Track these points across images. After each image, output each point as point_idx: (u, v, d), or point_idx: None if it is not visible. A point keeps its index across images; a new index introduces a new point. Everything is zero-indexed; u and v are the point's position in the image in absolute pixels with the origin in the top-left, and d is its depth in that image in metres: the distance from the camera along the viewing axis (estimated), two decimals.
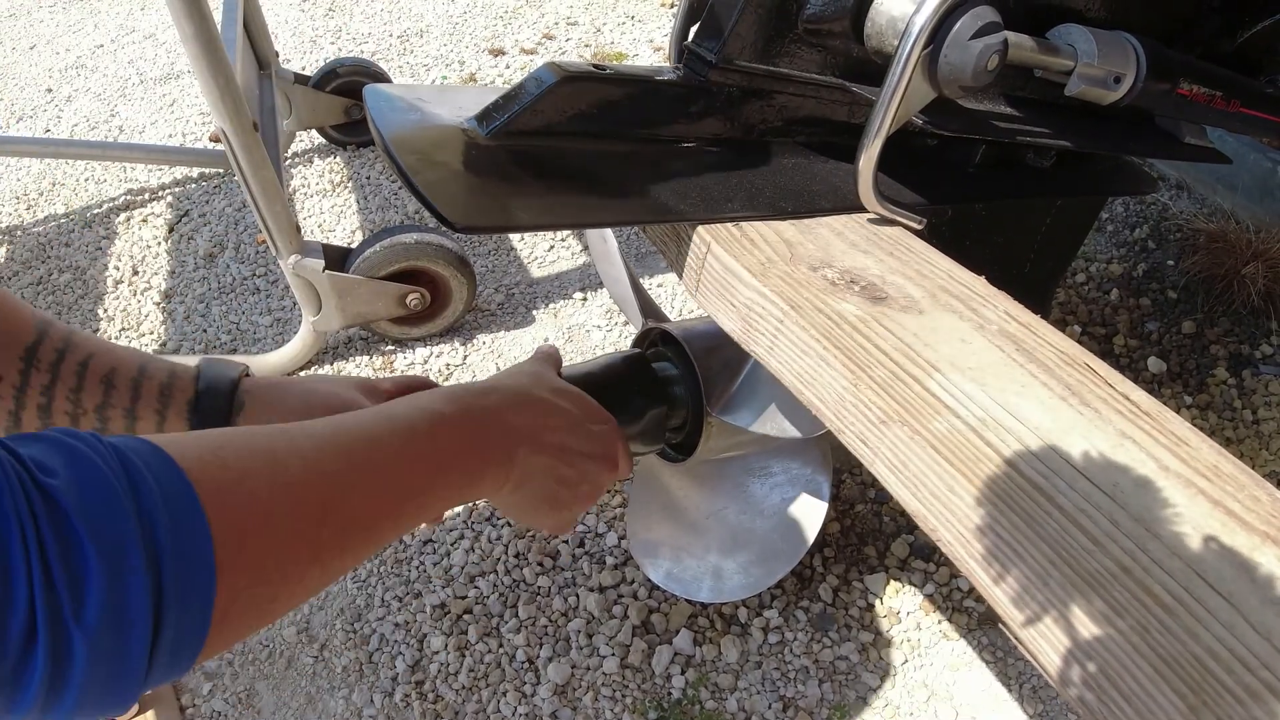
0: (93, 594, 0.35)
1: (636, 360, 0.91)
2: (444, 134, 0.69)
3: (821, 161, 0.83)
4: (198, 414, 0.64)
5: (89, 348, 0.64)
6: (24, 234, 2.06)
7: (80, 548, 0.35)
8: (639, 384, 0.90)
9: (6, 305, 0.63)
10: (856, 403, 0.53)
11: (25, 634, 0.33)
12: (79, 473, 0.37)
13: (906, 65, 0.71)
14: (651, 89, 0.73)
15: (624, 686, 1.20)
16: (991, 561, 0.45)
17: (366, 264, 1.52)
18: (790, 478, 1.08)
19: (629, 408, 0.86)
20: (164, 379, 0.65)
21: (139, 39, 2.88)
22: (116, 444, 0.39)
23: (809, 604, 1.28)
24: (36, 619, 0.33)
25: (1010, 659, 1.26)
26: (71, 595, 0.34)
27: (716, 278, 0.66)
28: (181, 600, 0.38)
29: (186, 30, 1.29)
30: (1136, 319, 1.69)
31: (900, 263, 0.69)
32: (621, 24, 2.71)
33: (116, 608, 0.35)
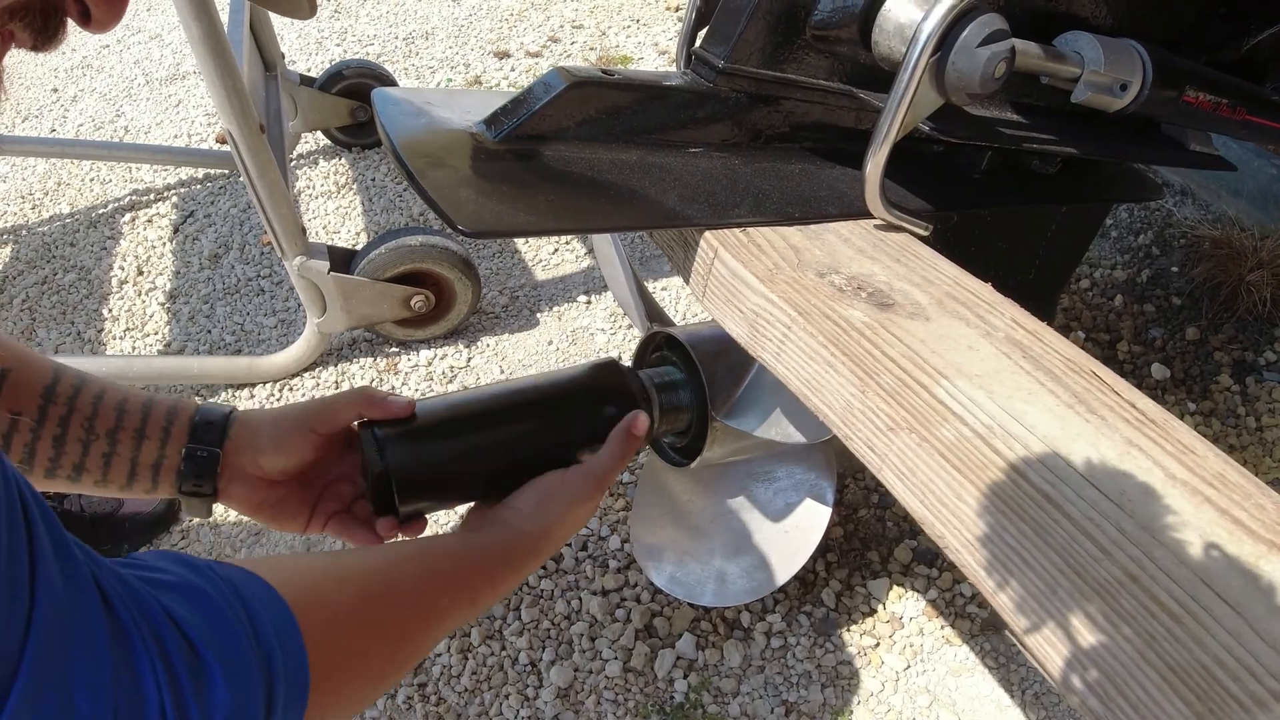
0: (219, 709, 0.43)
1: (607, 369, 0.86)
2: (452, 138, 0.69)
3: (828, 167, 0.83)
4: (196, 436, 0.71)
5: (101, 384, 0.72)
6: (29, 234, 2.07)
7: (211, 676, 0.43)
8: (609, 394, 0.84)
9: (25, 354, 0.70)
10: (864, 409, 0.53)
11: None
12: (207, 617, 0.45)
13: (914, 72, 0.71)
14: (659, 94, 0.73)
15: (626, 690, 1.20)
16: (998, 569, 0.45)
17: (371, 266, 1.52)
18: (794, 482, 1.08)
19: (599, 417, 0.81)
20: (169, 406, 0.72)
21: (145, 39, 2.89)
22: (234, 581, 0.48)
23: (812, 609, 1.28)
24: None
25: (1013, 665, 1.26)
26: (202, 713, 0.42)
27: (724, 283, 0.67)
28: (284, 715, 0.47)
29: (194, 31, 1.29)
30: (1140, 325, 1.69)
31: (907, 269, 0.69)
32: (627, 27, 2.71)
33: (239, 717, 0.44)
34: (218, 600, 0.46)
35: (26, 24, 0.46)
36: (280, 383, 1.61)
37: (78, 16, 0.47)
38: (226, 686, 0.43)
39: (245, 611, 0.47)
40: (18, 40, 0.47)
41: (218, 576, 0.48)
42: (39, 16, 0.46)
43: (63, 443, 0.69)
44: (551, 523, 0.72)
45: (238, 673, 0.44)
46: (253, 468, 0.72)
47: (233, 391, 1.60)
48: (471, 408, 0.78)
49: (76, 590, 0.40)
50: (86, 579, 0.40)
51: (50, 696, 0.37)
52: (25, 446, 0.68)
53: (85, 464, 0.70)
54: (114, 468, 0.70)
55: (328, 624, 0.53)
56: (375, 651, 0.57)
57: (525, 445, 0.79)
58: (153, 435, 0.71)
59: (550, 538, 0.72)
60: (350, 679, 0.54)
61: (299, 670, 0.48)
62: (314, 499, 0.76)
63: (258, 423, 0.73)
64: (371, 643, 0.57)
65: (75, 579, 0.40)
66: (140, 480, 0.71)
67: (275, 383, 1.61)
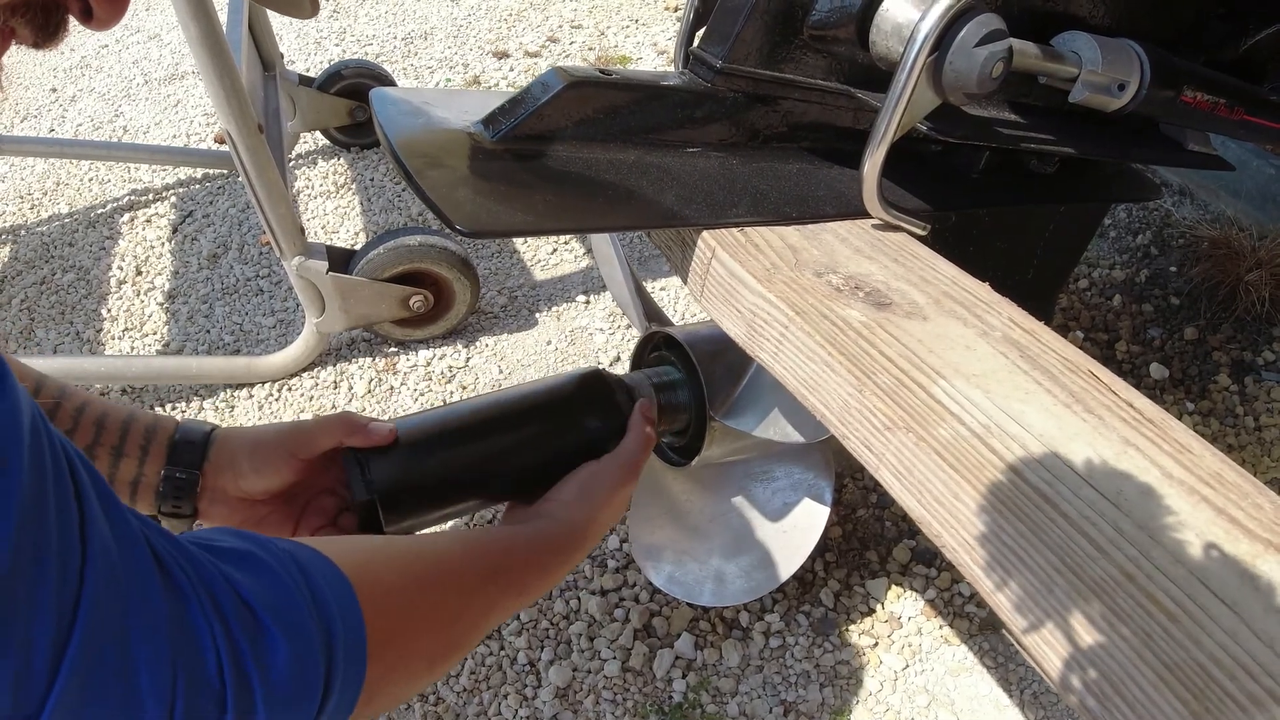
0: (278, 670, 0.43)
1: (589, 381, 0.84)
2: (450, 138, 0.69)
3: (826, 167, 0.83)
4: (174, 455, 0.70)
5: (82, 397, 0.71)
6: (28, 233, 2.06)
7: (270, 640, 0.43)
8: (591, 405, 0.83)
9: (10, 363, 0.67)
10: (861, 409, 0.53)
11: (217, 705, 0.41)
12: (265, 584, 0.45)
13: (912, 72, 0.71)
14: (657, 94, 0.73)
15: (625, 690, 1.20)
16: (995, 568, 0.45)
17: (370, 266, 1.52)
18: (793, 482, 1.08)
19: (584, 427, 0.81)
20: (149, 423, 0.72)
21: (143, 39, 2.89)
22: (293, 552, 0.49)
23: (810, 608, 1.28)
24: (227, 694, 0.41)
25: (1011, 665, 1.26)
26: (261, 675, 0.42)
27: (721, 283, 0.67)
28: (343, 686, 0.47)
29: (192, 31, 1.29)
30: (1139, 325, 1.70)
31: (905, 269, 0.69)
32: (625, 27, 2.71)
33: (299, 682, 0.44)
34: (277, 569, 0.46)
35: (28, 20, 0.46)
36: (279, 382, 1.61)
37: (79, 14, 0.47)
38: (287, 651, 0.43)
39: (306, 581, 0.47)
40: (19, 37, 0.47)
41: (278, 548, 0.48)
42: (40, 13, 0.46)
43: None
44: (595, 511, 0.75)
45: (297, 638, 0.44)
46: (233, 489, 0.72)
47: (232, 391, 1.60)
48: (452, 425, 0.78)
49: (129, 547, 0.40)
50: (139, 539, 0.40)
51: (109, 648, 0.37)
52: None
53: None
54: None
55: (385, 599, 0.53)
56: (430, 632, 0.57)
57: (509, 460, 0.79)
58: (130, 453, 0.70)
59: (594, 525, 0.75)
60: (406, 658, 0.54)
61: (358, 643, 0.48)
62: (297, 514, 0.76)
63: (237, 444, 0.73)
64: (426, 623, 0.57)
65: (127, 538, 0.40)
66: (119, 490, 0.70)
67: (274, 383, 1.61)
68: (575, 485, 0.76)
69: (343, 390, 1.60)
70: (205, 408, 1.58)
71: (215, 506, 0.72)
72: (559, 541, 0.72)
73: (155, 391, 1.61)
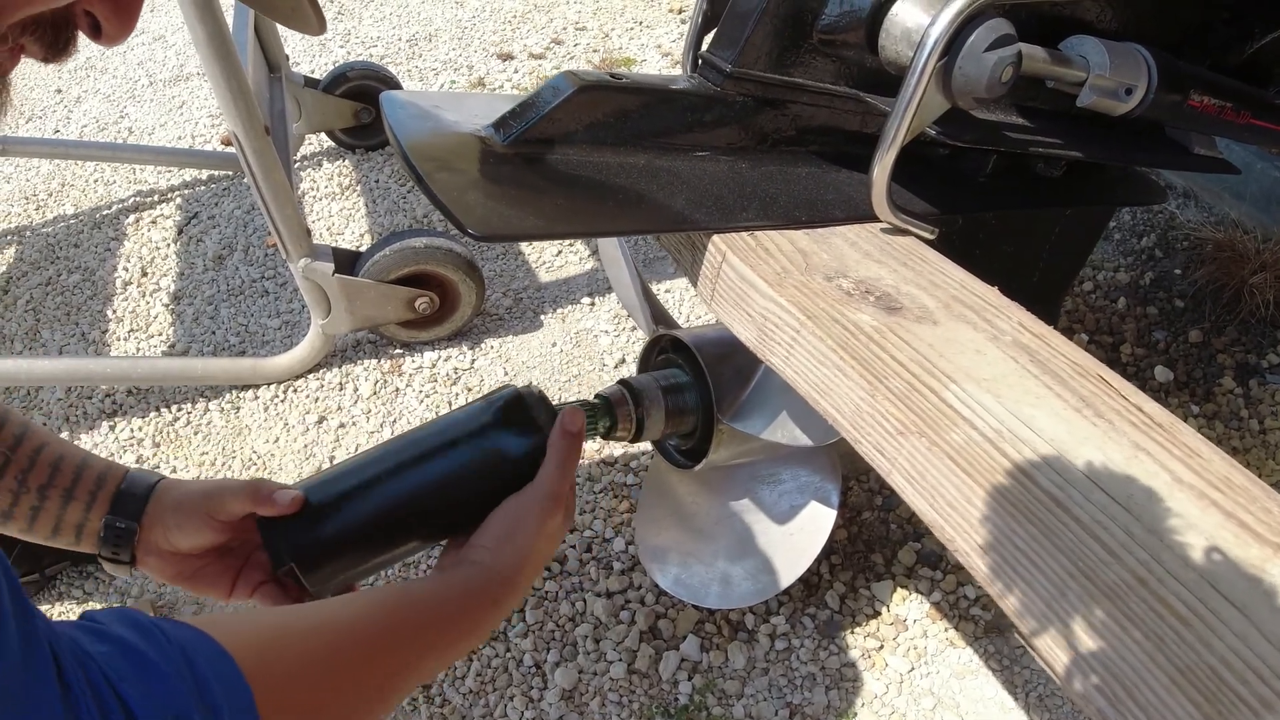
0: None
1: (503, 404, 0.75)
2: (461, 141, 0.70)
3: (834, 171, 0.83)
4: (116, 504, 0.72)
5: (43, 437, 0.74)
6: (33, 234, 2.07)
7: None
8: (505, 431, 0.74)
9: None
10: (873, 413, 0.53)
11: None
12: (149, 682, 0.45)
13: (921, 76, 0.71)
14: (667, 98, 0.73)
15: (631, 692, 1.20)
16: (1007, 571, 0.46)
17: (376, 268, 1.52)
18: (799, 485, 1.08)
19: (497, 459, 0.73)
20: (101, 470, 0.74)
21: (148, 40, 2.89)
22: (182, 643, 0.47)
23: (816, 611, 1.29)
24: None
25: (1016, 667, 1.26)
26: None
27: (732, 287, 0.67)
28: None
29: (199, 33, 1.29)
30: (1144, 328, 1.70)
31: (914, 273, 0.70)
32: (630, 29, 2.71)
33: None
34: (164, 667, 0.46)
35: (37, 38, 0.46)
36: (285, 384, 1.61)
37: (88, 30, 0.47)
38: None
39: (191, 671, 0.47)
40: (28, 52, 0.47)
41: (166, 639, 0.48)
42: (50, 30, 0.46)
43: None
44: (522, 550, 0.70)
45: None
46: (164, 543, 0.73)
47: (237, 392, 1.60)
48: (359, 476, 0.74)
49: (33, 650, 0.40)
50: (43, 643, 0.41)
51: None
52: None
53: (13, 513, 0.71)
54: (39, 521, 0.72)
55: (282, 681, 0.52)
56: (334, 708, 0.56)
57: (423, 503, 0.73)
58: (80, 498, 0.72)
59: (526, 564, 0.70)
60: None
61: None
62: (237, 568, 0.76)
63: (167, 501, 0.74)
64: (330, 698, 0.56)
65: (33, 641, 0.40)
66: (64, 536, 0.73)
67: (280, 384, 1.61)
68: (498, 525, 0.71)
69: (348, 392, 1.60)
70: (211, 409, 1.59)
71: (150, 557, 0.74)
72: (487, 590, 0.67)
73: (161, 393, 1.61)
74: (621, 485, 1.43)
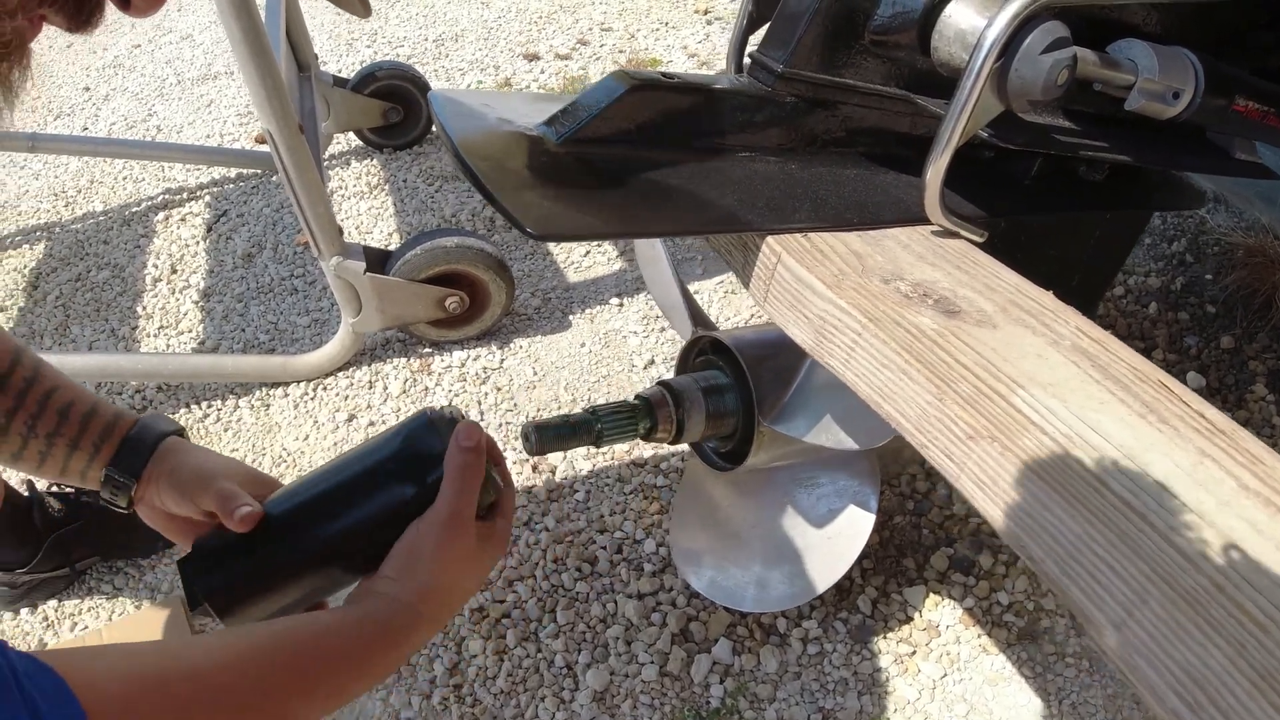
0: None
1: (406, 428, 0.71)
2: (513, 140, 0.69)
3: (882, 172, 0.83)
4: (118, 457, 0.75)
5: (53, 381, 0.76)
6: (62, 231, 2.08)
7: None
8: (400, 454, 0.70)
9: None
10: (941, 418, 0.53)
11: None
12: None
13: (978, 79, 0.71)
14: (719, 98, 0.73)
15: (663, 694, 1.20)
16: (1085, 577, 0.45)
17: (407, 266, 1.52)
18: (837, 489, 1.08)
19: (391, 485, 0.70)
20: (109, 420, 0.76)
21: (176, 39, 2.91)
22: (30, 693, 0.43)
23: (848, 615, 1.28)
24: None
25: (1049, 674, 1.25)
26: None
27: (787, 288, 0.66)
28: None
29: (234, 30, 1.29)
30: (1175, 333, 1.68)
31: (969, 276, 0.69)
32: (655, 30, 2.71)
33: None
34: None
35: (59, 8, 0.46)
36: (315, 382, 1.62)
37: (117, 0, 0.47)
38: None
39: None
40: (51, 21, 0.47)
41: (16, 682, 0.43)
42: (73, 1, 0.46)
43: (5, 432, 0.73)
44: (425, 580, 0.65)
45: None
46: (157, 501, 0.76)
47: (268, 390, 1.61)
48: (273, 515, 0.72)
49: None
50: None
51: None
52: None
53: (23, 455, 0.75)
54: (47, 465, 0.76)
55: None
56: None
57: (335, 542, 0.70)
58: (85, 447, 0.75)
59: (431, 595, 0.66)
60: None
61: None
62: None
63: (166, 465, 0.75)
64: None
65: None
66: (70, 479, 0.77)
67: (310, 382, 1.61)
68: (399, 555, 0.67)
69: (378, 390, 1.60)
70: (241, 405, 1.59)
71: (145, 508, 0.77)
72: (388, 624, 0.63)
73: (191, 389, 1.62)
74: (651, 487, 1.42)
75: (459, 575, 0.68)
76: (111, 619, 1.36)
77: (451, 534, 0.66)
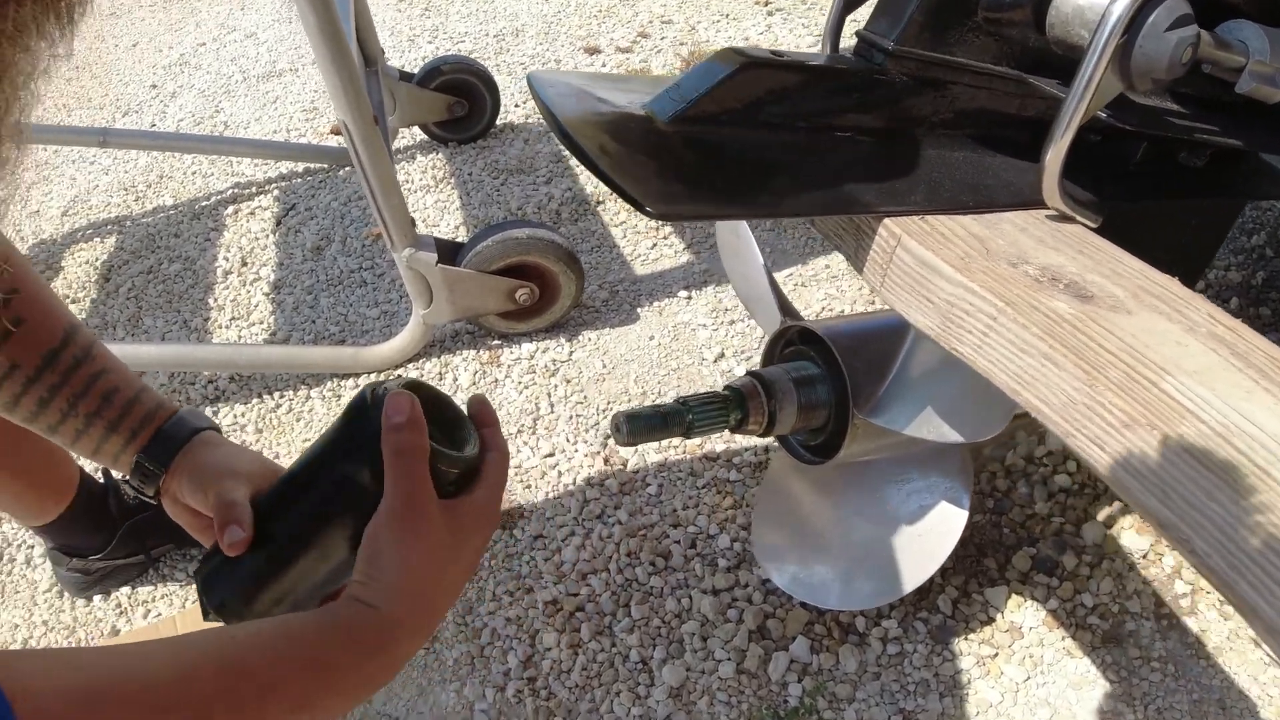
0: None
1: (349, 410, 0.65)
2: (619, 119, 0.68)
3: (990, 155, 0.80)
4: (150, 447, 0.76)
5: (103, 364, 0.77)
6: (133, 225, 2.11)
7: None
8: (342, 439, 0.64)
9: (41, 308, 0.76)
10: (1091, 405, 0.50)
11: None
12: None
13: (1101, 56, 0.68)
14: (829, 76, 0.71)
15: (740, 692, 1.18)
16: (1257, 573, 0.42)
17: (478, 258, 1.52)
18: (929, 485, 1.05)
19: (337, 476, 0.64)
20: (149, 409, 0.78)
21: (240, 38, 2.94)
22: None
23: (928, 615, 1.25)
24: None
25: (1134, 679, 1.21)
26: None
27: (908, 272, 0.64)
28: None
29: (311, 22, 1.29)
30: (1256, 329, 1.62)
31: (1093, 261, 0.66)
32: (716, 22, 2.69)
33: None
34: None
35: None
36: (384, 373, 1.62)
37: None
38: None
39: None
40: None
41: None
42: None
43: (46, 405, 0.75)
44: (392, 579, 0.58)
45: None
46: (180, 495, 0.76)
47: (338, 380, 1.61)
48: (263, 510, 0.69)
49: None
50: None
51: None
52: (13, 395, 0.74)
53: (59, 430, 0.77)
54: (81, 443, 0.77)
55: None
56: None
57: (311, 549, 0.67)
58: (122, 433, 0.76)
59: (404, 595, 0.59)
60: None
61: None
62: None
63: (191, 461, 0.76)
64: None
65: None
66: (102, 459, 0.78)
67: (380, 373, 1.62)
68: (362, 555, 0.60)
69: (447, 382, 1.60)
70: (313, 396, 1.60)
71: (169, 500, 0.77)
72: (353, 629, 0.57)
73: (264, 380, 1.63)
74: (724, 481, 1.40)
75: (430, 568, 0.60)
76: (185, 606, 1.37)
77: (406, 524, 0.59)
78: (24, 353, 0.73)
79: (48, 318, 0.76)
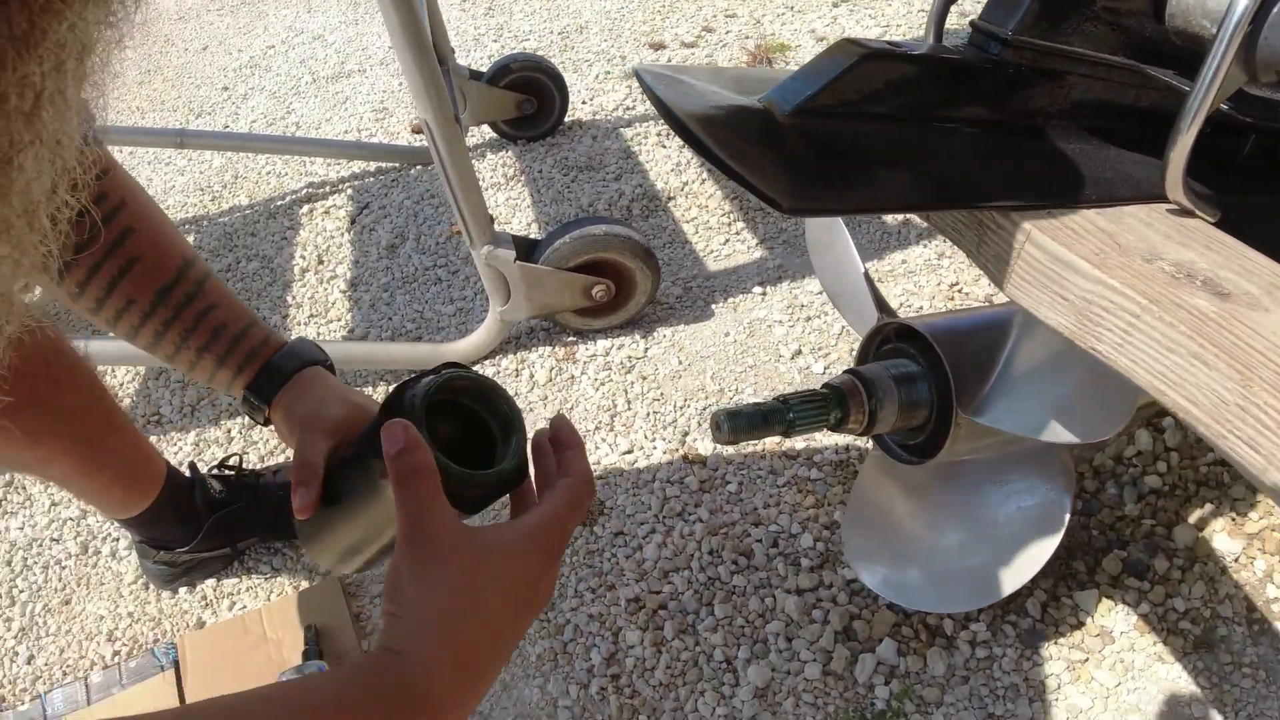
0: None
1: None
2: (735, 111, 0.67)
3: (1104, 147, 0.78)
4: (258, 379, 0.81)
5: (214, 298, 0.82)
6: (210, 224, 2.15)
7: None
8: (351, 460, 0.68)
9: (158, 241, 0.80)
10: (1247, 405, 0.49)
11: None
12: None
13: (1228, 49, 0.66)
14: (948, 67, 0.70)
15: (826, 694, 1.16)
16: None
17: (556, 255, 1.52)
18: (1029, 487, 1.03)
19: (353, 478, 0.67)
20: (257, 343, 0.82)
21: (308, 40, 2.98)
22: None
23: (1017, 619, 1.23)
24: None
25: (1226, 685, 1.18)
26: None
27: (1038, 267, 0.63)
28: None
29: (394, 20, 1.31)
30: None
31: (1222, 257, 0.64)
32: (780, 15, 2.67)
33: None
34: None
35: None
36: None
37: None
38: None
39: None
40: None
41: None
42: None
43: (161, 337, 0.80)
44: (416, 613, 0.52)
45: None
46: (280, 422, 0.81)
47: None
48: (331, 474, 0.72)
49: None
50: None
51: None
52: (132, 327, 0.79)
53: (176, 359, 0.82)
54: (197, 371, 0.83)
55: None
56: None
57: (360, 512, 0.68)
58: (229, 366, 0.81)
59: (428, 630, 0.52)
60: None
61: None
62: None
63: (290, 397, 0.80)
64: None
65: None
66: (218, 386, 0.83)
67: None
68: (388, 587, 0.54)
69: (524, 378, 1.61)
70: None
71: (276, 423, 0.82)
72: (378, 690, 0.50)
73: (343, 375, 1.65)
74: (805, 480, 1.39)
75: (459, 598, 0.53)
76: (270, 599, 1.39)
77: (420, 549, 0.53)
78: (139, 290, 0.78)
79: (163, 255, 0.80)
